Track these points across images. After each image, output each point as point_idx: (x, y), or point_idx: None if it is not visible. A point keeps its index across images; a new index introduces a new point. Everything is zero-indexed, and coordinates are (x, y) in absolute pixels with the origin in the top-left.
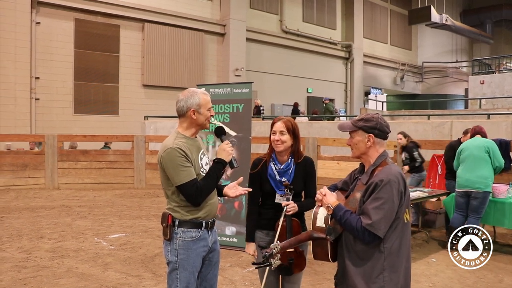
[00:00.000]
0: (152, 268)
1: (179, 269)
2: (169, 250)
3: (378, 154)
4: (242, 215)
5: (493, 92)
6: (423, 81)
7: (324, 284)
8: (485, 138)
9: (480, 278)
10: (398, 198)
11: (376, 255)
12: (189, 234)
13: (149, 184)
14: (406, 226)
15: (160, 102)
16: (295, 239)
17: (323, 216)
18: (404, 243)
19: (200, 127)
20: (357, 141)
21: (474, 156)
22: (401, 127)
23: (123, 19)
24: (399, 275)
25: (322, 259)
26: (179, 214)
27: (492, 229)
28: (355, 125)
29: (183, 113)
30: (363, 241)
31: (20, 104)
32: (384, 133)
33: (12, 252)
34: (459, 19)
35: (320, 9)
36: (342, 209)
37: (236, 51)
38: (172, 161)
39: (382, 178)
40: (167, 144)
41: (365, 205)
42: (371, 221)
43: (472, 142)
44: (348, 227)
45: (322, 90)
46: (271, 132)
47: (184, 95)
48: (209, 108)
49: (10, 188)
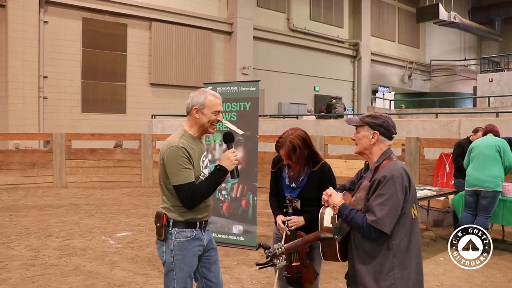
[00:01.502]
0: (159, 267)
1: (176, 269)
2: (164, 250)
3: (381, 152)
4: (249, 214)
5: (501, 90)
6: (431, 79)
7: (331, 283)
8: (497, 136)
9: (489, 278)
10: (403, 194)
11: (385, 252)
12: (184, 234)
13: (156, 183)
14: (415, 222)
15: (168, 101)
16: (301, 240)
17: (329, 216)
18: (414, 239)
19: (203, 129)
20: (362, 136)
21: (484, 154)
22: (409, 126)
23: (130, 18)
24: (410, 272)
25: (332, 260)
26: (174, 214)
27: (501, 228)
28: (363, 120)
29: (188, 110)
30: (370, 238)
31: (28, 103)
32: (389, 132)
33: (20, 250)
34: (468, 16)
35: (327, 7)
36: (347, 208)
37: (243, 50)
38: (174, 160)
39: (385, 174)
40: (172, 141)
41: (369, 202)
42: (376, 217)
43: (483, 141)
44: (354, 225)
45: (330, 89)
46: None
47: (194, 93)
48: (215, 112)
49: (18, 187)
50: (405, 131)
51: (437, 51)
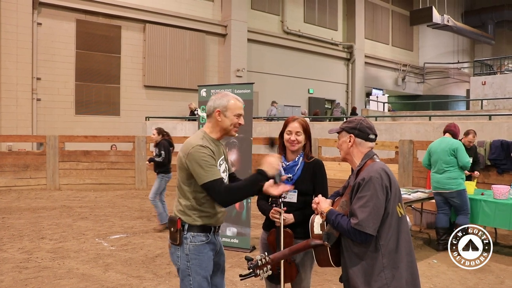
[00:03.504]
0: (153, 269)
1: (192, 275)
2: (179, 255)
3: (362, 154)
4: (243, 216)
5: (494, 93)
6: (424, 82)
7: (325, 285)
8: (455, 135)
9: (481, 280)
10: (383, 193)
11: (374, 253)
12: (199, 238)
13: (150, 185)
14: (402, 221)
15: (161, 103)
16: (289, 250)
17: (319, 224)
18: (402, 238)
19: (225, 132)
20: (342, 142)
21: (442, 160)
22: (402, 128)
23: (124, 20)
24: (401, 271)
25: (326, 265)
26: (190, 219)
27: (493, 230)
28: (340, 127)
29: (210, 113)
30: (357, 241)
31: (21, 105)
32: (364, 134)
33: (13, 252)
34: (461, 19)
35: (321, 10)
36: (333, 214)
37: (237, 52)
38: (200, 158)
39: (364, 176)
40: (193, 142)
41: (352, 206)
42: (358, 220)
43: (439, 145)
44: (341, 229)
45: (324, 91)
46: (284, 131)
47: (216, 96)
48: (238, 115)
49: (11, 189)
50: (398, 133)
51: (431, 54)
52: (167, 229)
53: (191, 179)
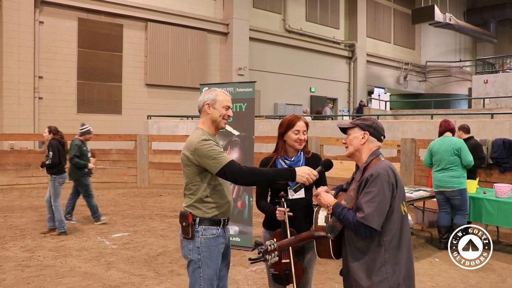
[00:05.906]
0: (155, 267)
1: (202, 267)
2: (190, 248)
3: (370, 152)
4: (245, 214)
5: (496, 92)
6: (426, 81)
7: (327, 283)
8: (454, 132)
9: (484, 278)
10: (390, 190)
11: (377, 248)
12: (210, 232)
13: (152, 184)
14: (404, 218)
15: (163, 102)
16: (295, 238)
17: (323, 216)
18: (404, 235)
19: (215, 124)
20: (353, 137)
21: (445, 160)
22: (404, 127)
23: (126, 18)
24: (401, 267)
25: (326, 257)
26: (200, 212)
27: (495, 229)
28: (353, 122)
29: (200, 108)
30: (361, 235)
31: (23, 104)
32: (378, 133)
33: (15, 251)
34: (463, 18)
35: (323, 8)
36: (340, 207)
37: (239, 51)
38: (208, 150)
39: (372, 173)
40: (196, 138)
41: (359, 200)
42: (364, 214)
43: (442, 145)
44: (346, 222)
45: (325, 90)
46: (290, 130)
47: (205, 91)
48: (226, 107)
49: (13, 187)
50: (400, 132)
51: (433, 53)
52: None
53: (201, 174)
